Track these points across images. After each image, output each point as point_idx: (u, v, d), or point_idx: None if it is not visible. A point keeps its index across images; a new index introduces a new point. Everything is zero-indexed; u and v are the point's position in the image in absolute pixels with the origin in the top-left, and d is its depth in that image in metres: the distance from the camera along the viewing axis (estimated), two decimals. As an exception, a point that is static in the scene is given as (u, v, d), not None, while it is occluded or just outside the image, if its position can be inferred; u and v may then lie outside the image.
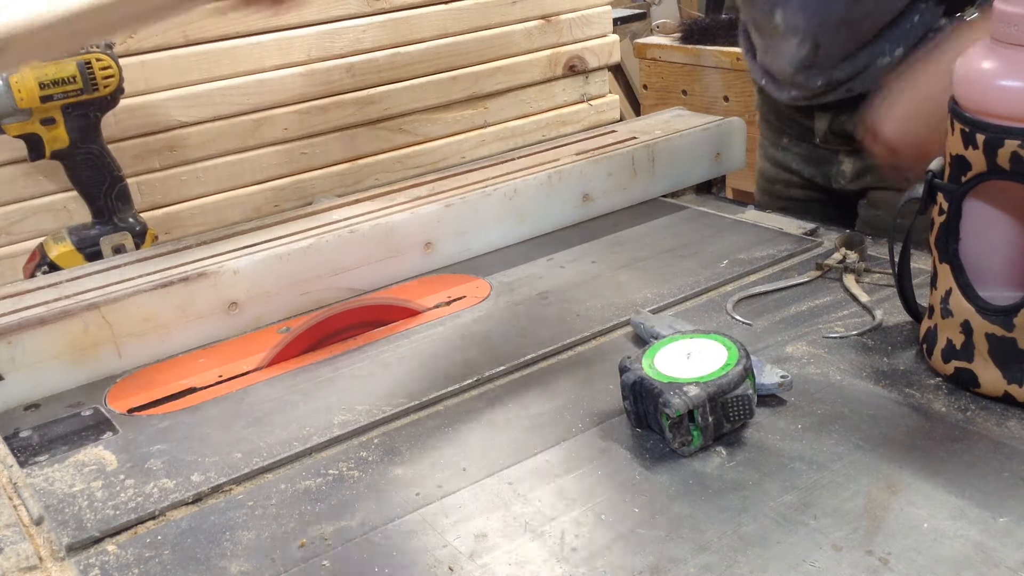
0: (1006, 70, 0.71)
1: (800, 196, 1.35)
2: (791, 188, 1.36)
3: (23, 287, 0.98)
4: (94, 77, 1.10)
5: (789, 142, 1.35)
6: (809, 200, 1.34)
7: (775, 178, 1.39)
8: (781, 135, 1.37)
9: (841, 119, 1.23)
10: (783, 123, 1.35)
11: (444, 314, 1.01)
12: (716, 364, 0.75)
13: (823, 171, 1.31)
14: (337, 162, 1.46)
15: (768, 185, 1.41)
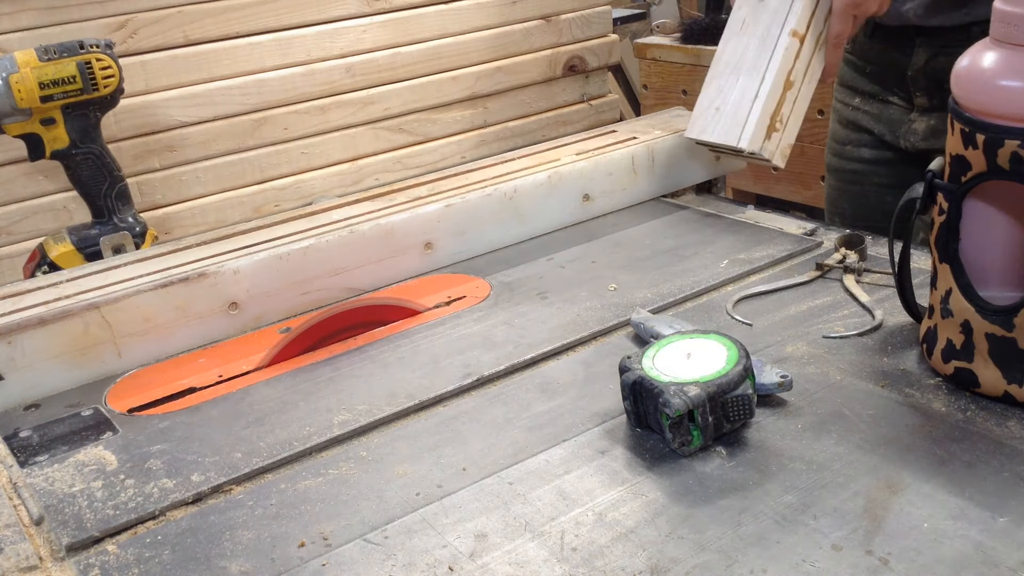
0: (1006, 70, 0.71)
1: (870, 157, 1.35)
2: (861, 148, 1.37)
3: (23, 287, 0.98)
4: (94, 77, 1.10)
5: (862, 101, 1.35)
6: (879, 161, 1.34)
7: (846, 139, 1.39)
8: (855, 95, 1.36)
9: (940, 59, 1.22)
10: (864, 78, 1.34)
11: (444, 314, 1.01)
12: (716, 364, 0.75)
13: (893, 130, 1.31)
14: (337, 162, 1.46)
15: (839, 147, 1.41)
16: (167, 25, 1.28)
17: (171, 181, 1.33)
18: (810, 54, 1.15)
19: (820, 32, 1.16)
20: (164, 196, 1.33)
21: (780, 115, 1.14)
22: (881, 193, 1.34)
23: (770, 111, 1.13)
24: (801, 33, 1.14)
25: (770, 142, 1.14)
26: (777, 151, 1.15)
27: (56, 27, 1.22)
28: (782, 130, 1.15)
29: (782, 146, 1.15)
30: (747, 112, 1.14)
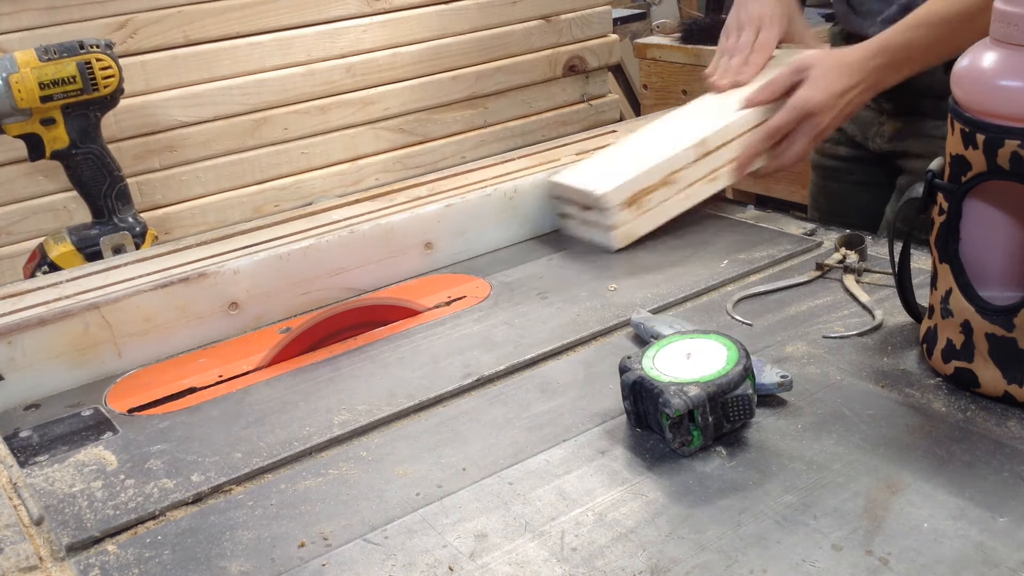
0: (1006, 70, 0.71)
1: (845, 155, 1.38)
2: (838, 146, 1.38)
3: (23, 287, 0.98)
4: (94, 77, 1.10)
5: None
6: (853, 159, 1.36)
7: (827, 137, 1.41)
8: None
9: None
10: None
11: (444, 314, 1.01)
12: (716, 364, 0.75)
13: (863, 131, 1.32)
14: (337, 162, 1.46)
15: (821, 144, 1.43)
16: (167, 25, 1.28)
17: (171, 181, 1.33)
18: (710, 170, 1.13)
19: (735, 157, 1.14)
20: (164, 196, 1.33)
21: (649, 199, 1.10)
22: (855, 190, 1.36)
23: (642, 187, 1.09)
24: (708, 149, 1.12)
25: (625, 212, 1.09)
26: (624, 226, 1.10)
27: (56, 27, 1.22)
28: (641, 212, 1.10)
29: (632, 226, 1.10)
30: (620, 173, 1.09)
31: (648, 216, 1.11)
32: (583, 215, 1.13)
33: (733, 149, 1.14)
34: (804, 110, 1.12)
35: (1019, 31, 0.71)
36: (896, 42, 1.11)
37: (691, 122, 1.17)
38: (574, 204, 1.13)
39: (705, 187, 1.14)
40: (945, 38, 1.10)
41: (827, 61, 1.13)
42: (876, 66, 1.12)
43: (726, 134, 1.13)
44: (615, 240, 1.10)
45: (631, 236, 1.10)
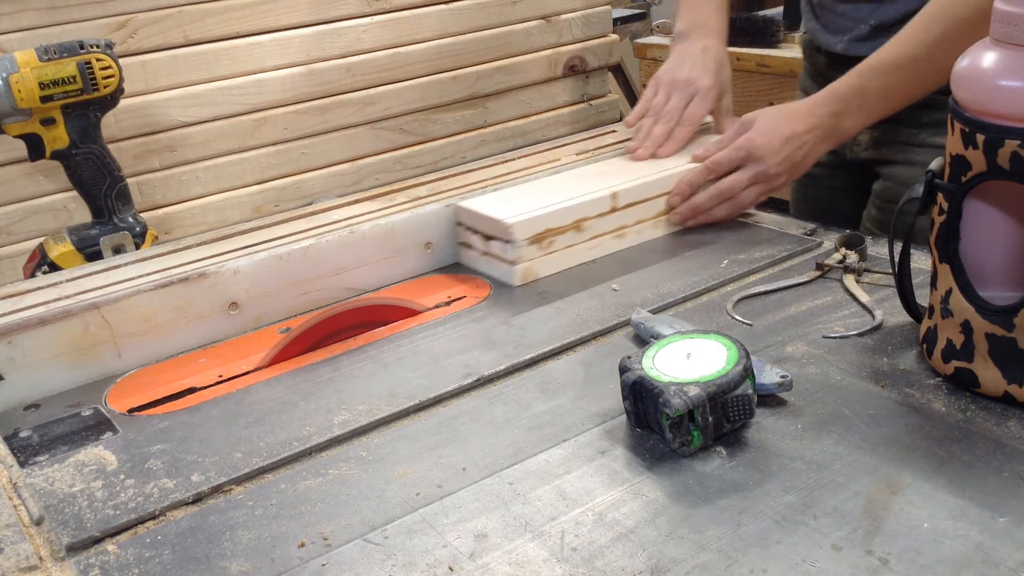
0: (1006, 70, 0.71)
1: (825, 161, 1.37)
2: None
3: (23, 287, 0.98)
4: (94, 77, 1.10)
5: None
6: (832, 166, 1.36)
7: None
8: None
9: None
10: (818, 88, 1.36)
11: (444, 314, 1.01)
12: (716, 364, 0.75)
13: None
14: (337, 162, 1.46)
15: None
16: (167, 25, 1.28)
17: (171, 181, 1.33)
18: (619, 225, 1.11)
19: (659, 212, 1.13)
20: (164, 196, 1.33)
21: (555, 240, 1.06)
22: (835, 196, 1.36)
23: (551, 226, 1.06)
24: (619, 203, 1.10)
25: (530, 248, 1.04)
26: (527, 263, 1.05)
27: (56, 27, 1.22)
28: (545, 252, 1.06)
29: (534, 264, 1.05)
30: (530, 208, 1.05)
31: (552, 258, 1.07)
32: (486, 246, 1.08)
33: (644, 209, 1.12)
34: (747, 149, 1.11)
35: (1019, 31, 0.71)
36: (846, 89, 1.11)
37: (609, 174, 1.15)
38: (478, 233, 1.08)
39: (613, 242, 1.11)
40: (898, 84, 1.10)
41: (774, 110, 1.14)
42: (828, 113, 1.11)
43: (641, 192, 1.12)
44: (515, 276, 1.05)
45: (532, 275, 1.06)
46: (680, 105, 1.23)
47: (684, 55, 1.26)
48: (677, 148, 1.21)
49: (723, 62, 1.26)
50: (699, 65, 1.24)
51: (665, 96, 1.25)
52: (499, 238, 1.05)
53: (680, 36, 1.29)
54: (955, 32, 1.04)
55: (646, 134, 1.22)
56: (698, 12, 1.29)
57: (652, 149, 1.21)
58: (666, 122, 1.22)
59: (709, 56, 1.25)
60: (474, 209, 1.08)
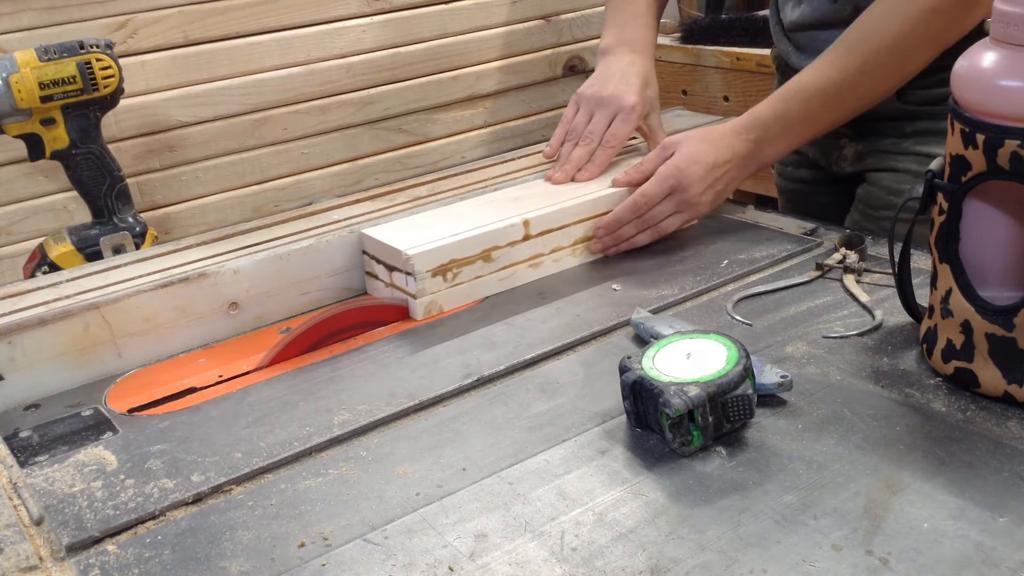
0: (1006, 70, 0.71)
1: (809, 178, 1.37)
2: (801, 169, 1.38)
3: (23, 287, 0.98)
4: (94, 77, 1.10)
5: None
6: (818, 181, 1.35)
7: (787, 161, 1.40)
8: None
9: None
10: None
11: (444, 314, 1.01)
12: (716, 364, 0.75)
13: (826, 155, 1.32)
14: (337, 162, 1.46)
15: (781, 167, 1.43)
16: (167, 25, 1.28)
17: (171, 181, 1.33)
18: (534, 254, 1.05)
19: (577, 240, 1.09)
20: (164, 196, 1.33)
21: (460, 271, 1.00)
22: (823, 209, 1.35)
23: (454, 256, 1.00)
24: (533, 232, 1.05)
25: (433, 280, 0.99)
26: (429, 296, 0.99)
27: (56, 27, 1.22)
28: (451, 285, 1.00)
29: (438, 298, 1.00)
30: (434, 238, 1.00)
31: (459, 290, 1.01)
32: (390, 276, 1.02)
33: (561, 237, 1.07)
34: (674, 179, 1.08)
35: (1019, 31, 0.71)
36: (768, 115, 1.09)
37: (525, 199, 1.10)
38: (382, 263, 1.03)
39: (527, 271, 1.06)
40: (820, 109, 1.08)
41: (695, 135, 1.11)
42: (751, 139, 1.09)
43: (556, 219, 1.07)
44: (417, 310, 0.99)
45: (435, 308, 1.00)
46: (602, 125, 1.17)
47: (608, 71, 1.20)
48: (598, 171, 1.16)
49: (649, 79, 1.22)
50: (623, 82, 1.19)
51: (586, 115, 1.19)
52: (401, 269, 1.00)
53: (605, 51, 1.24)
54: (874, 60, 1.04)
55: (565, 159, 1.17)
56: (625, 27, 1.25)
57: (571, 173, 1.15)
58: (586, 144, 1.16)
59: (634, 72, 1.20)
60: (377, 237, 1.02)
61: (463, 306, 1.02)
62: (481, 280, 1.03)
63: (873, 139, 1.23)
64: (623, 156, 1.21)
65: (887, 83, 1.08)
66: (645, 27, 1.25)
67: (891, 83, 1.08)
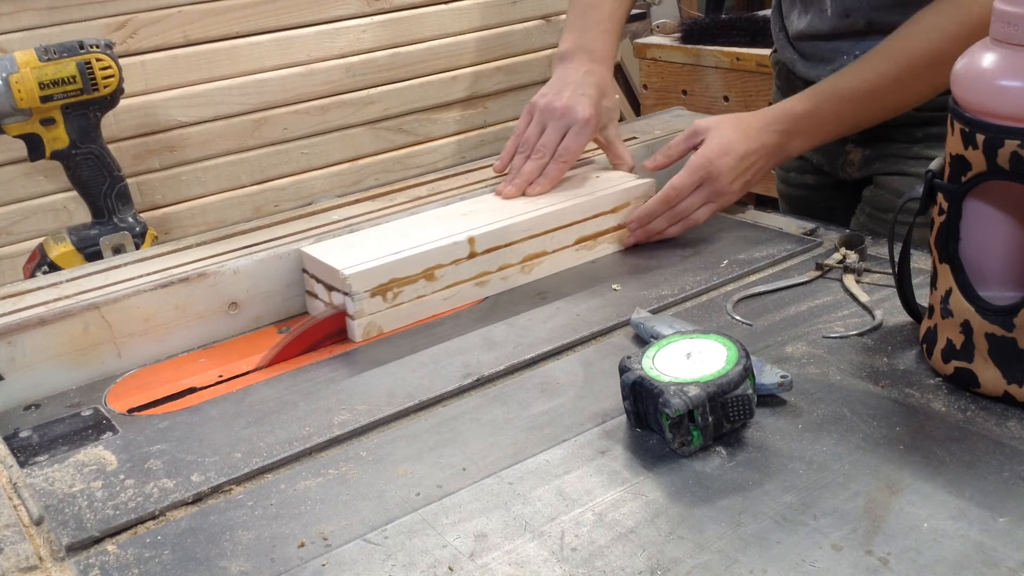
0: (1006, 70, 0.71)
1: (813, 183, 1.36)
2: (804, 175, 1.37)
3: (23, 287, 0.98)
4: (94, 77, 1.10)
5: None
6: (823, 187, 1.35)
7: (789, 166, 1.40)
8: None
9: None
10: None
11: (444, 315, 1.01)
12: (716, 364, 0.75)
13: (831, 160, 1.31)
14: (337, 162, 1.46)
15: (784, 173, 1.42)
16: (167, 25, 1.28)
17: (171, 181, 1.33)
18: (480, 272, 1.02)
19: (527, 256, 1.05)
20: (164, 196, 1.33)
21: (401, 291, 0.97)
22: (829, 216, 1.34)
23: (395, 276, 0.96)
24: (478, 249, 1.01)
25: (372, 300, 0.95)
26: (369, 317, 0.95)
27: (56, 27, 1.22)
28: (392, 305, 0.97)
29: (378, 319, 0.96)
30: (374, 256, 0.96)
31: (401, 310, 0.97)
32: (329, 296, 0.98)
33: (509, 254, 1.03)
34: (706, 170, 1.07)
35: (1019, 31, 0.71)
36: (800, 109, 1.09)
37: (475, 214, 1.06)
38: (321, 283, 0.99)
39: (474, 289, 1.02)
40: (851, 113, 1.09)
41: (726, 124, 1.09)
42: (780, 131, 1.09)
43: (503, 236, 1.03)
44: (356, 331, 0.95)
45: (375, 330, 0.96)
46: (555, 138, 1.12)
47: (564, 80, 1.15)
48: (550, 186, 1.11)
49: (605, 89, 1.16)
50: (578, 92, 1.13)
51: (539, 127, 1.14)
52: (339, 289, 0.96)
53: (563, 57, 1.19)
54: (910, 71, 1.05)
55: (516, 169, 1.13)
56: (584, 33, 1.19)
57: (522, 187, 1.11)
58: (538, 158, 1.12)
59: (590, 82, 1.14)
60: (315, 256, 0.98)
61: (405, 327, 0.98)
62: (424, 300, 0.99)
63: (882, 144, 1.23)
64: (578, 169, 1.18)
65: (919, 94, 1.09)
66: (606, 33, 1.20)
67: (923, 94, 1.09)
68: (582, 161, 1.20)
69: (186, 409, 0.87)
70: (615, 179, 1.14)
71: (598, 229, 1.10)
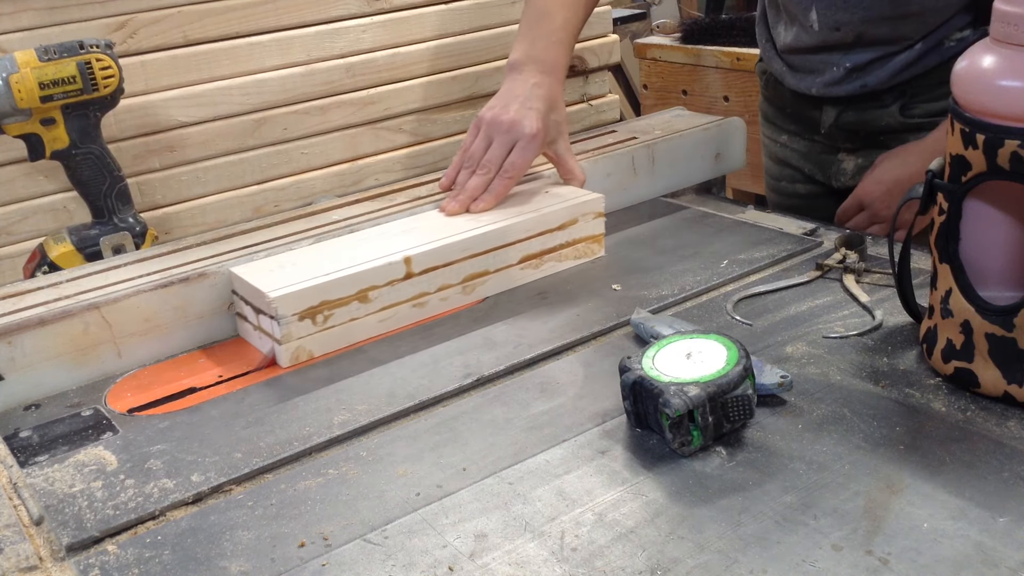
0: (1006, 70, 0.71)
1: (805, 192, 1.36)
2: (796, 184, 1.37)
3: (23, 287, 0.98)
4: (94, 77, 1.10)
5: (789, 139, 1.36)
6: (815, 195, 1.34)
7: (780, 175, 1.40)
8: (781, 132, 1.37)
9: (848, 114, 1.24)
10: (785, 118, 1.35)
11: (444, 314, 1.01)
12: (716, 364, 0.75)
13: (823, 169, 1.31)
14: (337, 162, 1.46)
15: (775, 183, 1.42)
16: (167, 25, 1.28)
17: (171, 181, 1.33)
18: (418, 292, 0.98)
19: (468, 276, 1.01)
20: (164, 196, 1.33)
21: (332, 314, 0.93)
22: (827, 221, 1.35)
23: (326, 298, 0.93)
24: (412, 271, 0.97)
25: (300, 324, 0.91)
26: (296, 342, 0.92)
27: (56, 27, 1.22)
28: (321, 328, 0.93)
29: (307, 343, 0.93)
30: (303, 278, 0.93)
31: (332, 334, 0.94)
32: (257, 319, 0.94)
33: (449, 274, 1.00)
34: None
35: (1019, 31, 0.71)
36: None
37: (417, 232, 1.03)
38: (250, 305, 0.95)
39: (412, 311, 0.99)
40: None
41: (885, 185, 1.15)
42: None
43: (441, 256, 0.99)
44: (282, 356, 0.92)
45: (304, 355, 0.93)
46: (500, 154, 1.09)
47: (511, 92, 1.12)
48: (495, 202, 1.08)
49: (555, 102, 1.13)
50: (526, 105, 1.10)
51: (485, 142, 1.11)
52: (265, 312, 0.92)
53: (512, 68, 1.15)
54: None
55: (461, 185, 1.10)
56: (536, 43, 1.15)
57: (466, 203, 1.08)
58: (483, 173, 1.09)
59: (538, 95, 1.11)
60: (243, 277, 0.95)
61: (336, 351, 0.95)
62: (357, 323, 0.95)
63: (874, 151, 1.23)
64: (528, 184, 1.15)
65: None
66: (558, 44, 1.16)
67: None
68: (533, 176, 1.17)
69: (186, 409, 0.87)
70: (565, 194, 1.11)
71: (544, 247, 1.07)
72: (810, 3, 1.19)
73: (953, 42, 1.15)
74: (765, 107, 1.41)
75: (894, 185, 1.12)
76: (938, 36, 1.15)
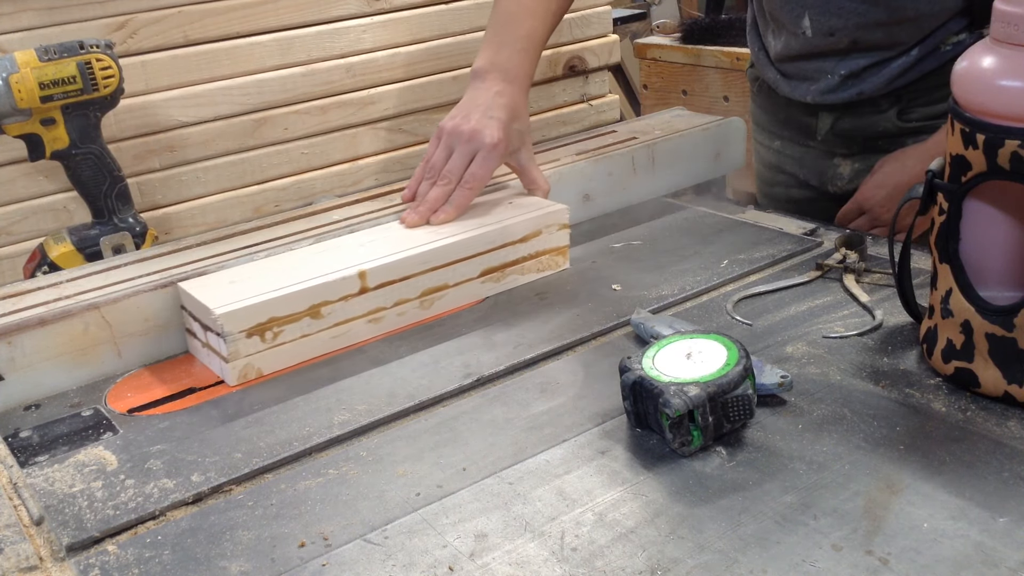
0: (1006, 70, 0.71)
1: (799, 196, 1.36)
2: (790, 189, 1.37)
3: (23, 287, 0.98)
4: (94, 77, 1.10)
5: (783, 145, 1.36)
6: (810, 200, 1.34)
7: (773, 180, 1.40)
8: (774, 138, 1.37)
9: (845, 120, 1.24)
10: (779, 124, 1.35)
11: (444, 314, 1.01)
12: (716, 364, 0.75)
13: (819, 175, 1.31)
14: (337, 162, 1.46)
15: (767, 188, 1.42)
16: (167, 25, 1.28)
17: (171, 181, 1.33)
18: (374, 307, 0.96)
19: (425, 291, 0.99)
20: (164, 196, 1.33)
21: (282, 330, 0.90)
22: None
23: (275, 314, 0.90)
24: (367, 286, 0.95)
25: (247, 342, 0.89)
26: (244, 359, 0.89)
27: (56, 27, 1.22)
28: (271, 346, 0.90)
29: (255, 360, 0.90)
30: (252, 293, 0.90)
31: (282, 351, 0.91)
32: (205, 336, 0.92)
33: (405, 289, 0.98)
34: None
35: (1019, 31, 0.71)
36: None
37: (374, 244, 1.00)
38: (198, 321, 0.93)
39: (367, 327, 0.96)
40: None
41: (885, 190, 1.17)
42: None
43: (398, 270, 0.96)
44: (230, 374, 0.89)
45: (252, 372, 0.90)
46: (461, 164, 1.07)
47: (473, 101, 1.10)
48: (456, 214, 1.06)
49: (517, 111, 1.11)
50: (487, 115, 1.08)
51: (445, 152, 1.09)
52: (212, 329, 0.89)
53: (475, 75, 1.13)
54: None
55: (422, 196, 1.08)
56: (500, 50, 1.13)
57: (426, 215, 1.05)
58: (444, 184, 1.07)
59: (500, 104, 1.09)
60: (190, 292, 0.92)
61: (287, 368, 0.92)
62: (309, 339, 0.92)
63: (871, 155, 1.23)
64: (491, 194, 1.13)
65: None
66: (523, 52, 1.14)
67: None
68: (497, 186, 1.15)
69: (186, 409, 0.87)
70: (528, 205, 1.08)
71: (505, 260, 1.04)
72: (803, 9, 1.18)
73: (949, 46, 1.15)
74: (757, 113, 1.41)
75: (895, 189, 1.12)
76: (934, 41, 1.15)
